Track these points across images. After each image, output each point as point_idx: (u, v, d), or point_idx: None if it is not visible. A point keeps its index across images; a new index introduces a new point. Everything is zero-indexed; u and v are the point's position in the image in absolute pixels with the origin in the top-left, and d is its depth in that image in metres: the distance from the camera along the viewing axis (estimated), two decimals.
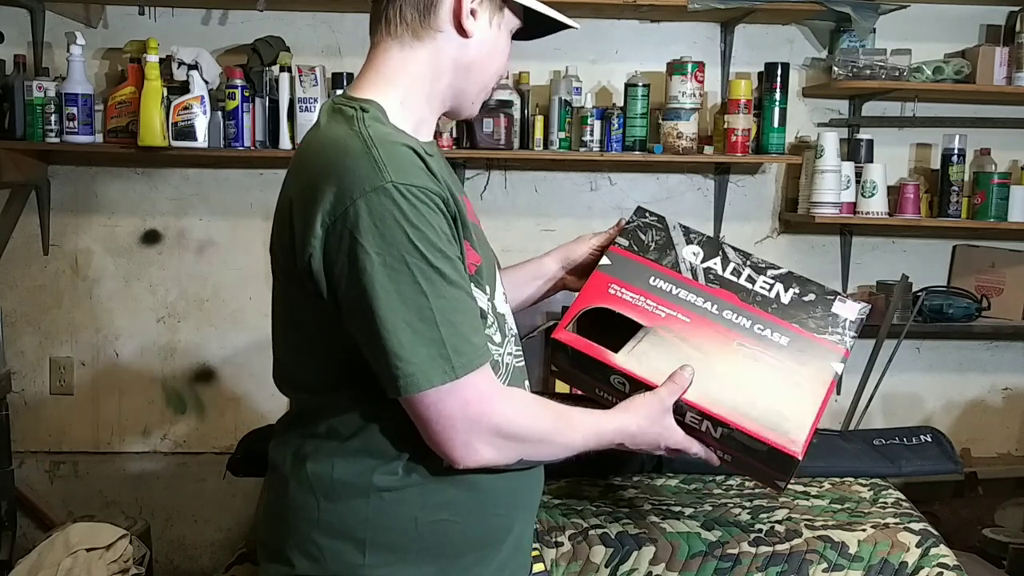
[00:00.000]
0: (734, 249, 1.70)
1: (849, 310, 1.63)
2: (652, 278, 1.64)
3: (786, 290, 1.65)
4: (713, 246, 1.69)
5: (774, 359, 1.57)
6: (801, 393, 1.55)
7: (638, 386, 1.53)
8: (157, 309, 3.38)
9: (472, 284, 1.33)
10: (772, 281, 1.66)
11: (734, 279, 1.66)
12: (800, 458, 1.51)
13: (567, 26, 1.48)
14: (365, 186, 1.24)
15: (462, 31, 1.37)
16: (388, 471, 1.34)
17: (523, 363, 1.51)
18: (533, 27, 1.48)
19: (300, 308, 1.35)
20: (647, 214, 1.73)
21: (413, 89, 1.39)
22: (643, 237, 1.70)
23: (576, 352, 1.58)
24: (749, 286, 1.65)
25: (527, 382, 1.50)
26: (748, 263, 1.68)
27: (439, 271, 1.25)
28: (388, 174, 1.24)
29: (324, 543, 1.34)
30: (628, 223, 1.72)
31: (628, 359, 1.55)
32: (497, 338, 1.41)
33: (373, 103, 1.36)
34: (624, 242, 1.69)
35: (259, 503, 1.51)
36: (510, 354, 1.45)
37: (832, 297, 1.65)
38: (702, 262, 1.67)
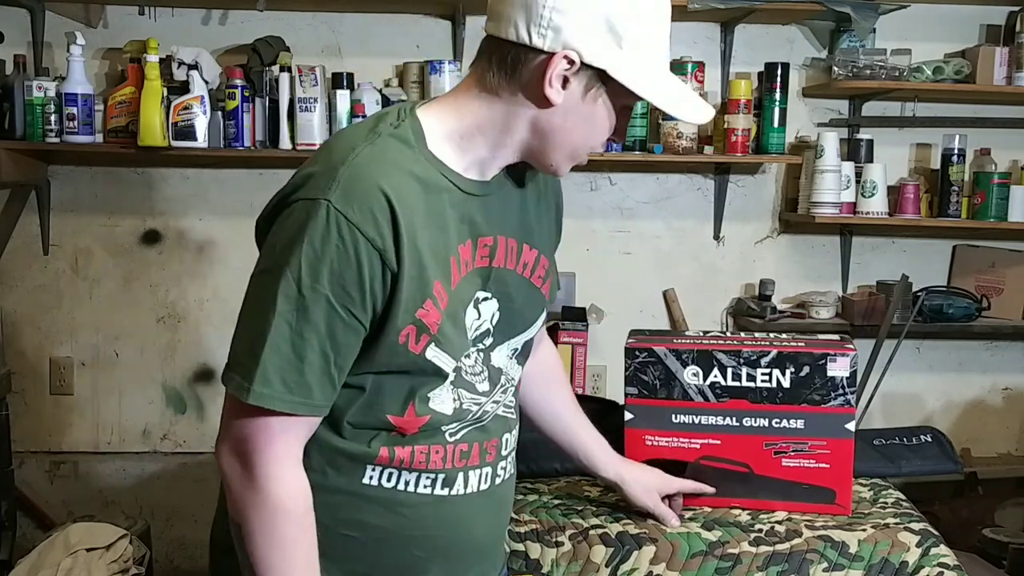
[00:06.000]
0: (724, 352, 1.89)
1: (841, 367, 1.84)
2: (673, 415, 1.90)
3: (783, 373, 1.87)
4: (705, 358, 1.88)
5: (799, 445, 1.87)
6: (833, 464, 1.87)
7: None
8: (157, 309, 3.38)
9: (433, 343, 1.29)
10: (768, 370, 1.87)
11: (737, 384, 1.88)
12: (850, 515, 1.91)
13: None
14: (310, 193, 1.23)
15: (544, 99, 1.26)
16: (305, 467, 1.33)
17: (514, 415, 1.48)
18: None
19: None
20: (636, 353, 1.91)
21: (478, 132, 1.31)
22: (645, 378, 1.91)
23: None
24: (752, 385, 1.87)
25: (512, 432, 1.47)
26: (741, 360, 1.88)
27: (303, 300, 1.22)
28: (332, 194, 1.22)
29: None
30: (626, 368, 1.90)
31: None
32: (483, 387, 1.39)
33: (418, 122, 1.31)
34: (633, 390, 1.91)
35: None
36: (496, 402, 1.42)
37: (823, 361, 1.85)
38: (704, 380, 1.89)
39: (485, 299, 1.37)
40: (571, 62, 1.24)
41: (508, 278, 1.39)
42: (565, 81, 1.25)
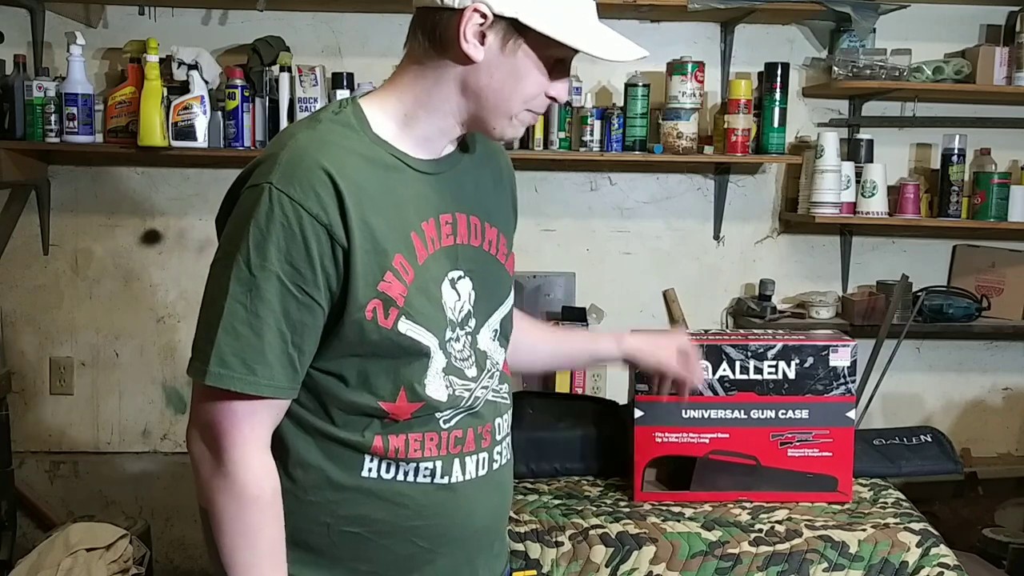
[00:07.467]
0: (732, 346, 1.94)
1: (842, 356, 1.93)
2: (683, 411, 1.94)
3: (789, 364, 1.94)
4: (715, 353, 1.94)
5: (804, 435, 1.95)
6: (835, 452, 1.95)
7: None
8: (157, 309, 3.38)
9: (403, 316, 1.30)
10: (775, 362, 1.94)
11: (745, 377, 1.94)
12: (851, 501, 2.00)
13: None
14: (255, 180, 1.28)
15: (464, 56, 1.29)
16: (300, 464, 1.34)
17: (507, 400, 1.48)
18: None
19: None
20: None
21: (418, 106, 1.34)
22: None
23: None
24: (759, 377, 1.94)
25: (504, 417, 1.47)
26: (749, 354, 1.94)
27: (254, 280, 1.24)
28: (274, 176, 1.25)
29: None
30: (636, 369, 1.91)
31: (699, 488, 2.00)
32: (471, 373, 1.39)
33: (360, 109, 1.34)
34: (644, 387, 1.95)
35: None
36: (484, 387, 1.42)
37: (826, 352, 1.93)
38: (714, 374, 1.93)
39: (460, 278, 1.38)
40: (483, 15, 1.26)
41: (475, 255, 1.41)
42: (483, 37, 1.28)
